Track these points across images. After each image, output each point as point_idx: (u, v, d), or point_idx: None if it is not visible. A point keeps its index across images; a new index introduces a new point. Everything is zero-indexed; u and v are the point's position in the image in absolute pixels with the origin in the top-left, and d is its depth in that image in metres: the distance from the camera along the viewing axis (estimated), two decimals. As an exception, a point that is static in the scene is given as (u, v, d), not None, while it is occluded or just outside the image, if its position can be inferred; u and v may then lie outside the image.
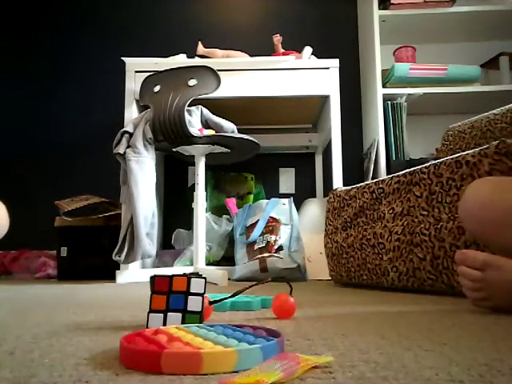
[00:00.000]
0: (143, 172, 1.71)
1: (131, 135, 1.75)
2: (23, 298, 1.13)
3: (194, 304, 0.60)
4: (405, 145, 2.15)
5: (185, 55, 2.07)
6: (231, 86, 1.92)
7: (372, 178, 2.13)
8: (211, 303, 0.71)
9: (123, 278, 1.73)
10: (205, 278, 0.61)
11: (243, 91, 1.93)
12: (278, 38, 2.13)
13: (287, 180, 2.50)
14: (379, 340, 0.54)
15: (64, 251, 1.99)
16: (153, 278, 0.61)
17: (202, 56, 2.10)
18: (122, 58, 1.95)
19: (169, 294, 0.60)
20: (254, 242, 1.80)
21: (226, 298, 0.76)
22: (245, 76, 1.94)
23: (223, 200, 2.14)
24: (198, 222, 1.76)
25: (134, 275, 1.76)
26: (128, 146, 1.73)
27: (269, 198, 1.98)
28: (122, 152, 1.71)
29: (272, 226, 1.82)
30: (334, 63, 1.95)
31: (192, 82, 1.68)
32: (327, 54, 2.20)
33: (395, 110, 2.16)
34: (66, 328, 0.65)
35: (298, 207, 2.03)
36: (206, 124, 1.83)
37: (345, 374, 0.38)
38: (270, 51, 2.20)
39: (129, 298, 1.12)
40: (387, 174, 2.03)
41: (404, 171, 1.24)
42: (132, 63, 1.95)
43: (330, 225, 1.51)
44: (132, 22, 2.59)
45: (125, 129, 1.76)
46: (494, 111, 1.38)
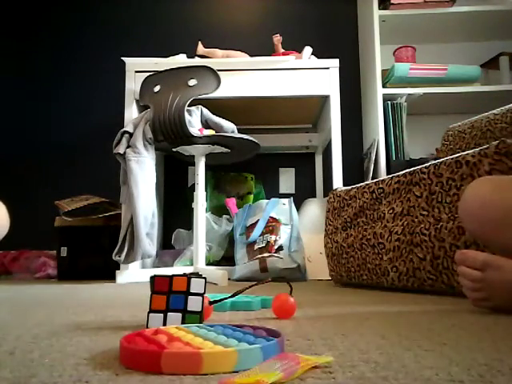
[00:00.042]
0: (143, 172, 1.71)
1: (131, 135, 1.75)
2: (23, 298, 1.13)
3: (193, 304, 0.60)
4: (405, 145, 2.15)
5: (185, 55, 2.07)
6: (231, 86, 1.92)
7: (372, 178, 2.13)
8: (211, 303, 0.71)
9: (123, 277, 1.73)
10: (205, 277, 0.61)
11: (243, 91, 1.93)
12: (278, 38, 2.13)
13: (287, 180, 2.50)
14: (379, 340, 0.54)
15: (64, 251, 1.99)
16: (153, 278, 0.61)
17: (202, 56, 2.10)
18: (122, 58, 1.95)
19: (169, 294, 0.60)
20: (254, 242, 1.80)
21: (226, 298, 0.76)
22: (245, 76, 1.94)
23: (223, 200, 2.14)
24: (198, 222, 1.76)
25: (134, 275, 1.76)
26: (128, 146, 1.73)
27: (269, 198, 1.98)
28: (122, 152, 1.71)
29: (272, 225, 1.82)
30: (334, 63, 1.95)
31: (192, 82, 1.68)
32: (327, 54, 2.20)
33: (395, 110, 2.16)
34: (66, 328, 0.65)
35: (298, 207, 2.03)
36: (206, 124, 1.83)
37: (345, 374, 0.38)
38: (270, 51, 2.20)
39: (129, 298, 1.12)
40: (387, 174, 2.03)
41: (404, 171, 1.24)
42: (132, 63, 1.95)
43: (330, 225, 1.51)
44: (132, 22, 2.59)
45: (125, 129, 1.76)
46: (494, 111, 1.38)
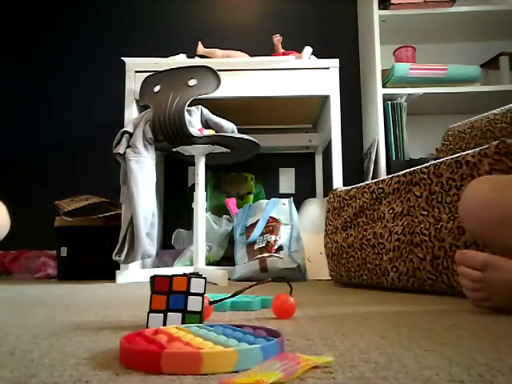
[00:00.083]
0: (143, 172, 1.71)
1: (131, 135, 1.75)
2: (23, 298, 1.13)
3: (194, 304, 0.60)
4: (405, 145, 2.15)
5: (185, 55, 2.07)
6: (231, 86, 1.92)
7: (372, 178, 2.13)
8: (211, 303, 0.71)
9: (123, 277, 1.73)
10: (205, 278, 0.61)
11: (243, 91, 1.93)
12: (278, 38, 2.13)
13: (287, 180, 2.50)
14: (379, 340, 0.54)
15: (64, 251, 1.99)
16: (153, 278, 0.61)
17: (202, 56, 2.10)
18: (122, 58, 1.95)
19: (169, 294, 0.60)
20: (254, 242, 1.79)
21: (226, 298, 0.76)
22: (245, 76, 1.94)
23: (223, 200, 2.14)
24: (198, 222, 1.76)
25: (134, 275, 1.76)
26: (128, 146, 1.73)
27: (269, 198, 1.98)
28: (122, 152, 1.71)
29: (272, 225, 1.82)
30: (334, 63, 1.95)
31: (192, 82, 1.68)
32: (327, 54, 2.20)
33: (395, 110, 2.16)
34: (66, 328, 0.65)
35: (298, 207, 2.03)
36: (206, 124, 1.83)
37: (345, 374, 0.38)
38: (270, 51, 2.20)
39: (129, 297, 1.12)
40: (387, 174, 2.03)
41: (404, 171, 1.24)
42: (132, 63, 1.95)
43: (330, 225, 1.51)
44: (132, 22, 2.59)
45: (125, 129, 1.76)
46: (494, 111, 1.38)
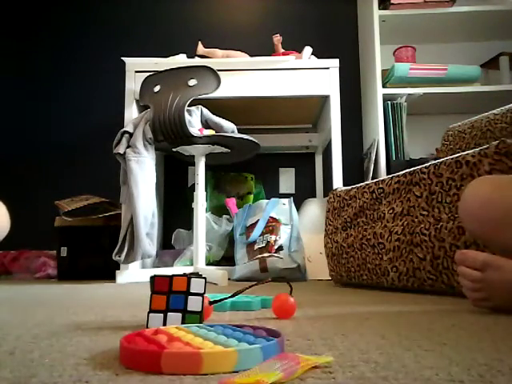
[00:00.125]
0: (143, 172, 1.71)
1: (131, 135, 1.75)
2: (23, 298, 1.13)
3: (194, 304, 0.60)
4: (405, 145, 2.15)
5: (185, 55, 2.07)
6: (231, 86, 1.92)
7: (372, 178, 2.13)
8: (211, 303, 0.71)
9: (123, 277, 1.73)
10: (205, 278, 0.61)
11: (243, 91, 1.93)
12: (278, 38, 2.13)
13: (287, 180, 2.50)
14: (379, 340, 0.54)
15: (64, 251, 1.99)
16: (153, 278, 0.61)
17: (202, 56, 2.10)
18: (122, 58, 1.95)
19: (169, 294, 0.60)
20: (254, 242, 1.79)
21: (226, 298, 0.76)
22: (245, 76, 1.94)
23: (223, 200, 2.14)
24: (198, 222, 1.76)
25: (134, 275, 1.76)
26: (128, 146, 1.73)
27: (269, 198, 1.98)
28: (122, 152, 1.71)
29: (272, 225, 1.81)
30: (334, 63, 1.95)
31: (192, 82, 1.68)
32: (327, 54, 2.20)
33: (395, 110, 2.16)
34: (66, 328, 0.65)
35: (298, 207, 2.03)
36: (206, 124, 1.83)
37: (345, 374, 0.38)
38: (270, 51, 2.20)
39: (129, 297, 1.12)
40: (387, 174, 2.03)
41: (404, 171, 1.24)
42: (132, 63, 1.95)
43: (330, 225, 1.51)
44: (132, 22, 2.59)
45: (125, 129, 1.76)
46: (494, 111, 1.38)
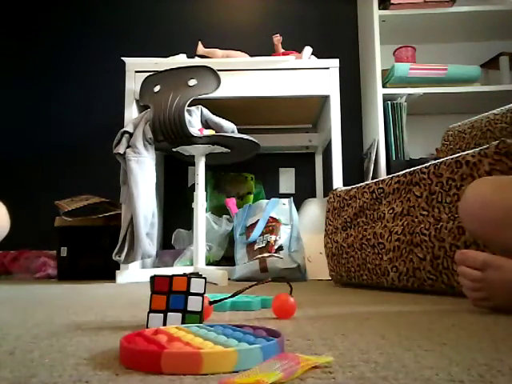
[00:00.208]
0: (143, 172, 1.71)
1: (131, 135, 1.75)
2: (23, 298, 1.13)
3: (194, 304, 0.60)
4: (405, 145, 2.15)
5: (185, 55, 2.07)
6: (231, 86, 1.92)
7: (372, 178, 2.13)
8: (211, 303, 0.71)
9: (123, 277, 1.73)
10: (205, 277, 0.61)
11: (243, 91, 1.93)
12: (278, 38, 2.13)
13: (287, 180, 2.50)
14: (379, 340, 0.54)
15: (64, 251, 1.99)
16: (153, 278, 0.61)
17: (202, 56, 2.10)
18: (122, 58, 1.95)
19: (169, 294, 0.60)
20: (254, 242, 1.79)
21: (226, 298, 0.76)
22: (245, 76, 1.94)
23: (223, 200, 2.14)
24: (198, 222, 1.76)
25: (134, 275, 1.76)
26: (128, 146, 1.73)
27: (269, 198, 1.98)
28: (121, 152, 1.71)
29: (272, 225, 1.81)
30: (334, 63, 1.95)
31: (192, 82, 1.68)
32: (327, 54, 2.20)
33: (395, 110, 2.16)
34: (66, 328, 0.65)
35: (298, 207, 2.03)
36: (206, 124, 1.83)
37: (345, 374, 0.38)
38: (270, 51, 2.20)
39: (129, 297, 1.12)
40: (387, 174, 2.03)
41: (404, 171, 1.24)
42: (132, 63, 1.95)
43: (330, 225, 1.51)
44: (132, 22, 2.59)
45: (125, 129, 1.76)
46: (494, 111, 1.38)
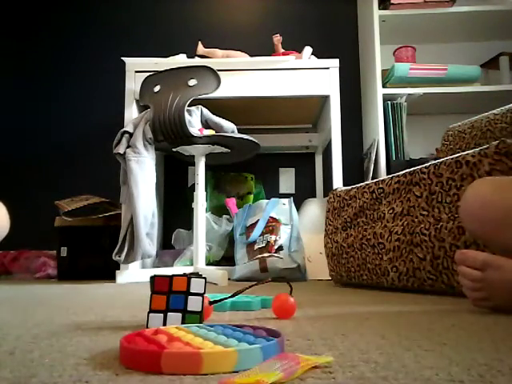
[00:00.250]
0: (143, 172, 1.71)
1: (131, 135, 1.75)
2: (23, 298, 1.13)
3: (194, 304, 0.60)
4: (405, 145, 2.15)
5: (185, 55, 2.07)
6: (231, 86, 1.92)
7: (372, 178, 2.13)
8: (211, 303, 0.71)
9: (123, 277, 1.73)
10: (205, 277, 0.61)
11: (243, 91, 1.93)
12: (278, 38, 2.13)
13: (287, 180, 2.50)
14: (379, 340, 0.54)
15: (64, 251, 1.99)
16: (153, 278, 0.61)
17: (202, 56, 2.10)
18: (122, 58, 1.95)
19: (169, 294, 0.60)
20: (254, 242, 1.79)
21: (226, 298, 0.76)
22: (245, 76, 1.94)
23: (223, 200, 2.14)
24: (198, 222, 1.76)
25: (134, 275, 1.76)
26: (128, 146, 1.73)
27: (269, 198, 1.98)
28: (122, 152, 1.71)
29: (272, 225, 1.81)
30: (334, 63, 1.95)
31: (192, 82, 1.68)
32: (327, 54, 2.20)
33: (395, 110, 2.16)
34: (66, 328, 0.65)
35: (298, 207, 2.03)
36: (206, 124, 1.83)
37: (345, 374, 0.38)
38: (270, 51, 2.20)
39: (129, 297, 1.12)
40: (387, 174, 2.03)
41: (404, 171, 1.24)
42: (132, 63, 1.95)
43: (330, 225, 1.51)
44: (132, 22, 2.59)
45: (125, 129, 1.76)
46: (494, 111, 1.38)
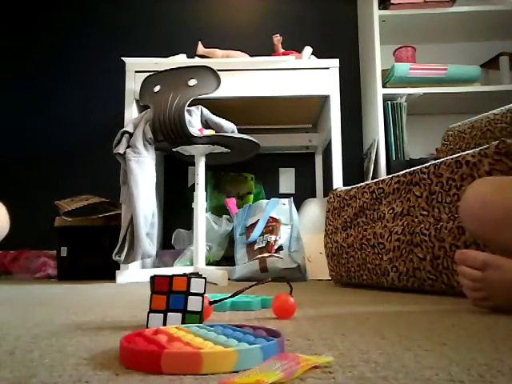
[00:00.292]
0: (143, 172, 1.71)
1: (131, 135, 1.75)
2: (23, 298, 1.13)
3: (194, 304, 0.60)
4: (405, 145, 2.15)
5: (185, 55, 2.07)
6: (231, 86, 1.92)
7: (372, 178, 2.13)
8: (211, 303, 0.71)
9: (123, 277, 1.73)
10: (205, 277, 0.61)
11: (243, 91, 1.93)
12: (278, 38, 2.13)
13: (287, 180, 2.50)
14: (379, 340, 0.54)
15: (64, 251, 1.99)
16: (153, 278, 0.61)
17: (202, 56, 2.10)
18: (122, 58, 1.95)
19: (169, 294, 0.60)
20: (254, 242, 1.79)
21: (226, 298, 0.76)
22: (245, 76, 1.94)
23: (223, 200, 2.14)
24: (198, 222, 1.76)
25: (134, 275, 1.76)
26: (128, 146, 1.73)
27: (269, 198, 1.98)
28: (121, 152, 1.71)
29: (272, 225, 1.81)
30: (334, 63, 1.95)
31: (192, 82, 1.68)
32: (327, 54, 2.20)
33: (395, 110, 2.16)
34: (66, 328, 0.65)
35: (298, 207, 2.03)
36: (206, 124, 1.83)
37: (345, 374, 0.38)
38: (270, 51, 2.20)
39: (129, 297, 1.12)
40: (387, 174, 2.03)
41: (404, 171, 1.24)
42: (132, 63, 1.95)
43: (330, 225, 1.51)
44: (132, 22, 2.59)
45: (125, 129, 1.76)
46: (494, 111, 1.38)
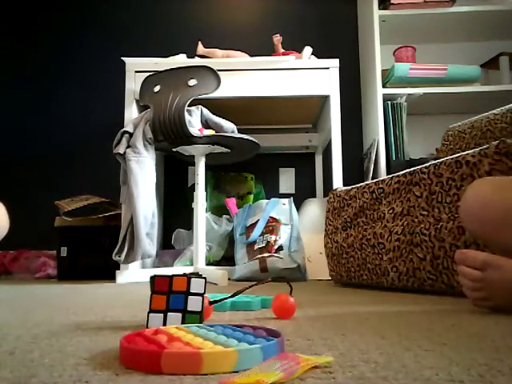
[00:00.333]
0: (143, 172, 1.71)
1: (131, 135, 1.75)
2: (23, 298, 1.13)
3: (194, 304, 0.60)
4: (405, 145, 2.15)
5: (185, 55, 2.07)
6: (231, 86, 1.92)
7: (372, 178, 2.13)
8: (211, 303, 0.71)
9: (123, 277, 1.73)
10: (205, 277, 0.61)
11: (243, 91, 1.93)
12: (278, 38, 2.13)
13: (287, 180, 2.50)
14: (379, 340, 0.54)
15: (64, 251, 1.99)
16: (153, 278, 0.61)
17: (202, 56, 2.10)
18: (122, 58, 1.95)
19: (169, 294, 0.60)
20: (254, 242, 1.79)
21: (226, 298, 0.76)
22: (245, 76, 1.94)
23: (223, 200, 2.14)
24: (198, 222, 1.76)
25: (134, 275, 1.76)
26: (128, 146, 1.73)
27: (269, 198, 1.98)
28: (121, 152, 1.71)
29: (272, 225, 1.81)
30: (334, 63, 1.95)
31: (192, 82, 1.68)
32: (327, 54, 2.20)
33: (395, 110, 2.16)
34: (66, 328, 0.65)
35: (298, 207, 2.03)
36: (206, 124, 1.83)
37: (345, 374, 0.38)
38: (270, 51, 2.20)
39: (129, 297, 1.12)
40: (387, 174, 2.03)
41: (404, 171, 1.24)
42: (132, 63, 1.95)
43: (330, 225, 1.51)
44: (132, 22, 2.59)
45: (125, 129, 1.76)
46: (494, 111, 1.38)
